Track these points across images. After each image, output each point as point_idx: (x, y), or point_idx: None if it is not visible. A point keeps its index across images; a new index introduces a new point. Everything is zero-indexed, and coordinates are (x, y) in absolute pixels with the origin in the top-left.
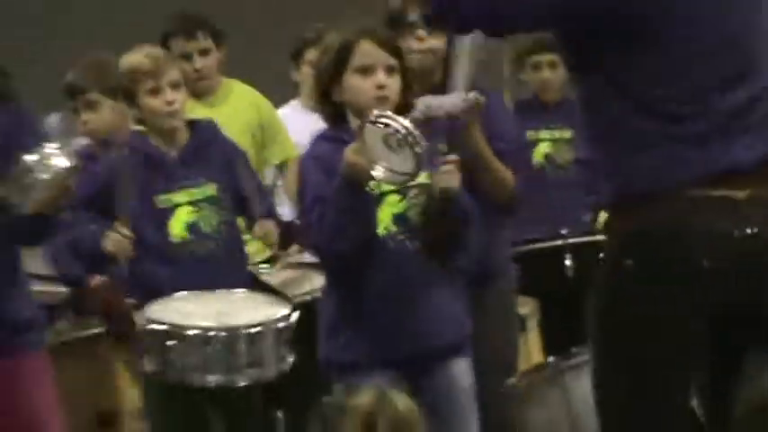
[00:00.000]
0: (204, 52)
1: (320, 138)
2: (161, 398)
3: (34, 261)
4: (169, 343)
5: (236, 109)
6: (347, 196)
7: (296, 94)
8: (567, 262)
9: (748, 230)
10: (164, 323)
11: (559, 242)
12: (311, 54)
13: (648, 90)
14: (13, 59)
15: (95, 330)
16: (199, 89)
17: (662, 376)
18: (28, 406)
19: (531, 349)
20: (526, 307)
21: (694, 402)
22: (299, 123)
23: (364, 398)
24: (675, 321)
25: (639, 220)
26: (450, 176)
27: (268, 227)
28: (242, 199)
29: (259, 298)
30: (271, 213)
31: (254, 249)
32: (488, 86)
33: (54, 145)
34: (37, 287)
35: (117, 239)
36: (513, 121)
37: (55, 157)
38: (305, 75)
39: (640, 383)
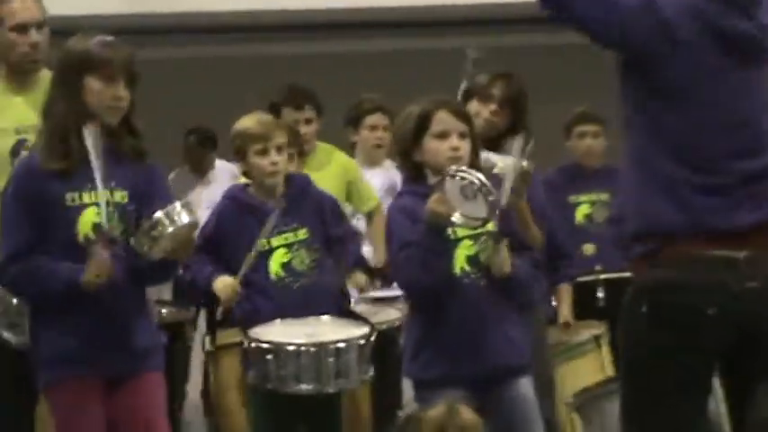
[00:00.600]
0: (308, 121)
1: (403, 192)
2: (261, 405)
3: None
4: (268, 357)
5: (330, 169)
6: (430, 239)
7: (352, 154)
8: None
9: (747, 285)
10: (264, 341)
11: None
12: (370, 120)
13: (679, 139)
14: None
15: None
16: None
17: (673, 405)
18: (144, 418)
19: (605, 364)
20: (600, 328)
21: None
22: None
23: (435, 410)
24: (683, 361)
25: (653, 273)
26: (503, 262)
27: (360, 278)
28: (331, 240)
29: (343, 321)
30: (358, 257)
31: None
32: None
33: (179, 202)
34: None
35: (224, 284)
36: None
37: (179, 214)
38: (363, 138)
39: (654, 412)
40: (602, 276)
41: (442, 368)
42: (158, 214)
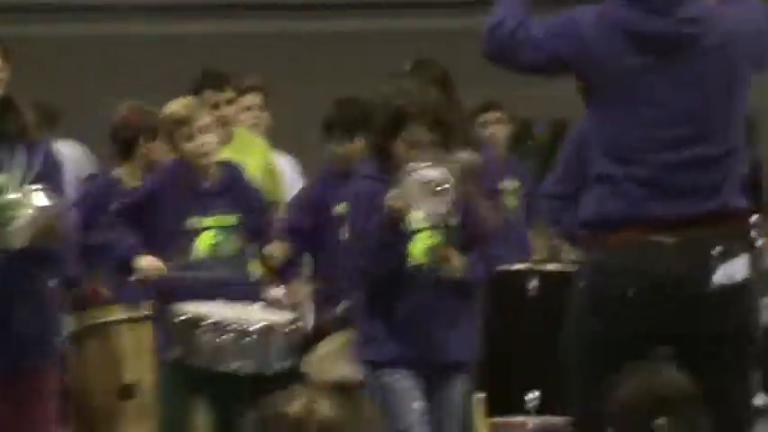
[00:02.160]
0: (229, 102)
1: (368, 176)
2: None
3: None
4: (196, 331)
5: (251, 153)
6: (385, 232)
7: None
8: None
9: (673, 269)
10: (189, 312)
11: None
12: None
13: (612, 138)
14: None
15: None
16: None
17: (604, 365)
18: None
19: None
20: None
21: None
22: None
23: (294, 404)
24: (609, 331)
25: (591, 256)
26: (453, 267)
27: (274, 248)
28: (255, 231)
29: (269, 309)
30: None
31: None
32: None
33: (37, 185)
34: None
35: (151, 264)
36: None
37: (36, 196)
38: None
39: (586, 363)
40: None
41: (393, 352)
42: (11, 196)
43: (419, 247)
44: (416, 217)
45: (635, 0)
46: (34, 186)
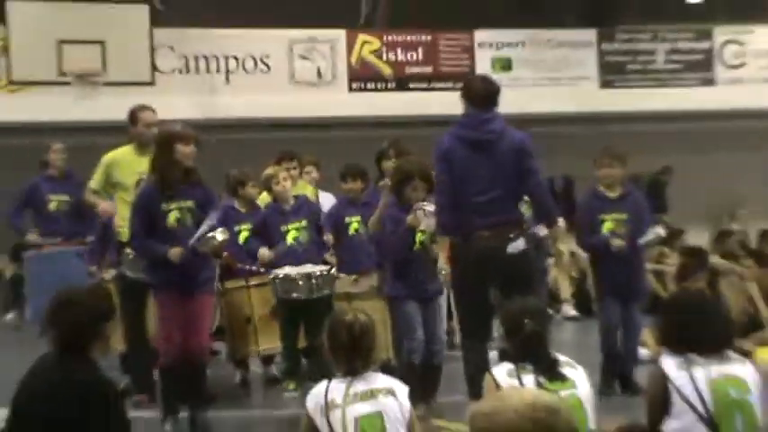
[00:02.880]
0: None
1: (393, 206)
2: (284, 310)
3: None
4: (290, 281)
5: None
6: (406, 234)
7: None
8: None
9: (488, 245)
10: (285, 272)
11: None
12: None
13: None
14: None
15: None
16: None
17: (469, 290)
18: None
19: None
20: None
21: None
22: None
23: (348, 314)
24: (469, 274)
25: (460, 240)
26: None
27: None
28: (317, 227)
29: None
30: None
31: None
32: None
33: (220, 229)
34: None
35: (176, 252)
36: None
37: (219, 234)
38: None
39: (463, 291)
40: None
41: (404, 291)
42: (210, 234)
43: (419, 240)
44: (422, 228)
45: (463, 122)
46: (220, 230)
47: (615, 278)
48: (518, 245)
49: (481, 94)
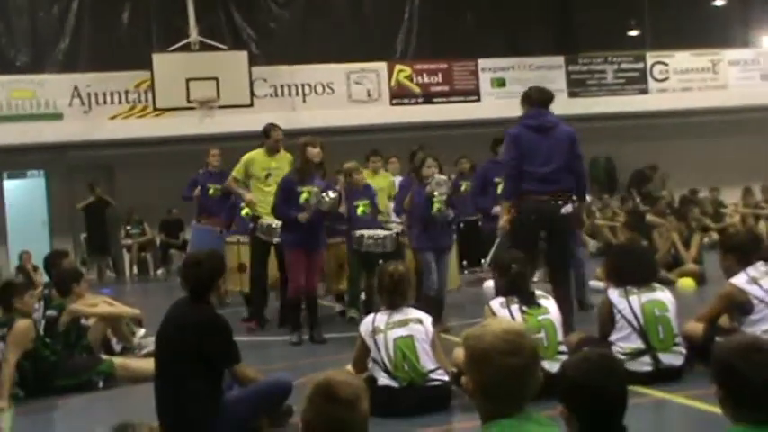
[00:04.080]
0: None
1: (415, 185)
2: (357, 257)
3: None
4: (363, 239)
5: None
6: (427, 200)
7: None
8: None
9: (551, 205)
10: (360, 232)
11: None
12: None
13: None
14: None
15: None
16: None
17: (525, 235)
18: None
19: None
20: None
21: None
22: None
23: (391, 265)
24: (528, 225)
25: (520, 203)
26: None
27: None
28: (375, 205)
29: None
30: None
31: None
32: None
33: (332, 191)
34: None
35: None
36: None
37: (332, 193)
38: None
39: (520, 236)
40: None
41: (426, 244)
42: (325, 195)
43: (437, 205)
44: (437, 194)
45: (528, 116)
46: (330, 192)
47: None
48: (568, 208)
49: (537, 99)
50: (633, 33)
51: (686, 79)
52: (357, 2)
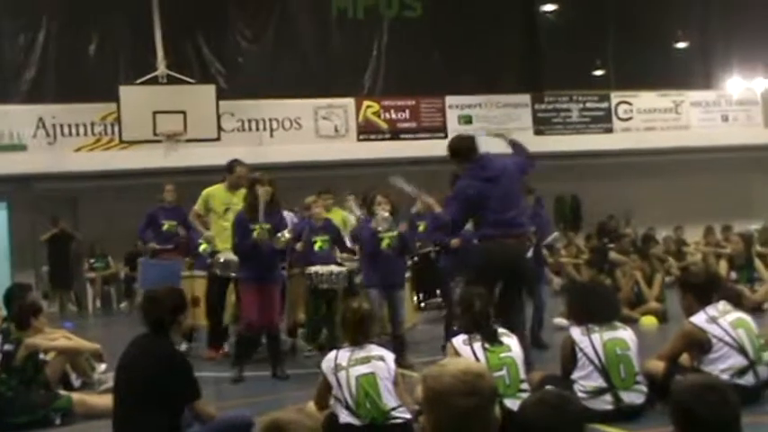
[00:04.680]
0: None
1: (364, 221)
2: (312, 293)
3: None
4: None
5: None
6: (374, 236)
7: None
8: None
9: (517, 249)
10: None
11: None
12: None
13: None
14: None
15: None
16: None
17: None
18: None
19: None
20: None
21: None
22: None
23: (355, 302)
24: (489, 270)
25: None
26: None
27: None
28: (338, 240)
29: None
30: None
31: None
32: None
33: (287, 231)
34: None
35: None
36: None
37: (287, 233)
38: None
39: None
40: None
41: (374, 281)
42: (280, 235)
43: (386, 241)
44: (379, 229)
45: (472, 169)
46: (287, 232)
47: None
48: (530, 252)
49: (467, 149)
50: (598, 73)
51: (650, 119)
52: (325, 38)
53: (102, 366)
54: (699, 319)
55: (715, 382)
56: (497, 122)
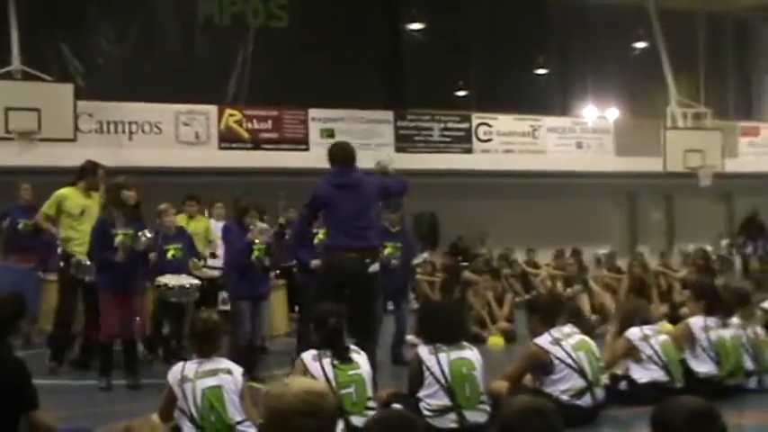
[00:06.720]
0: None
1: (237, 231)
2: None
3: None
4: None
5: None
6: (246, 247)
7: None
8: None
9: (358, 264)
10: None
11: None
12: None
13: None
14: None
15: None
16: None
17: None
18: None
19: None
20: None
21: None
22: None
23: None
24: (329, 284)
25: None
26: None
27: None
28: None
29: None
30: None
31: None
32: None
33: (147, 230)
34: None
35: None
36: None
37: (149, 233)
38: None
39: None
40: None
41: (243, 292)
42: (141, 234)
43: (256, 253)
44: (257, 241)
45: (331, 174)
46: (148, 232)
47: (389, 286)
48: (374, 267)
49: (342, 156)
50: (461, 94)
51: (508, 141)
52: (189, 43)
53: None
54: (543, 340)
55: (541, 407)
56: (360, 137)
